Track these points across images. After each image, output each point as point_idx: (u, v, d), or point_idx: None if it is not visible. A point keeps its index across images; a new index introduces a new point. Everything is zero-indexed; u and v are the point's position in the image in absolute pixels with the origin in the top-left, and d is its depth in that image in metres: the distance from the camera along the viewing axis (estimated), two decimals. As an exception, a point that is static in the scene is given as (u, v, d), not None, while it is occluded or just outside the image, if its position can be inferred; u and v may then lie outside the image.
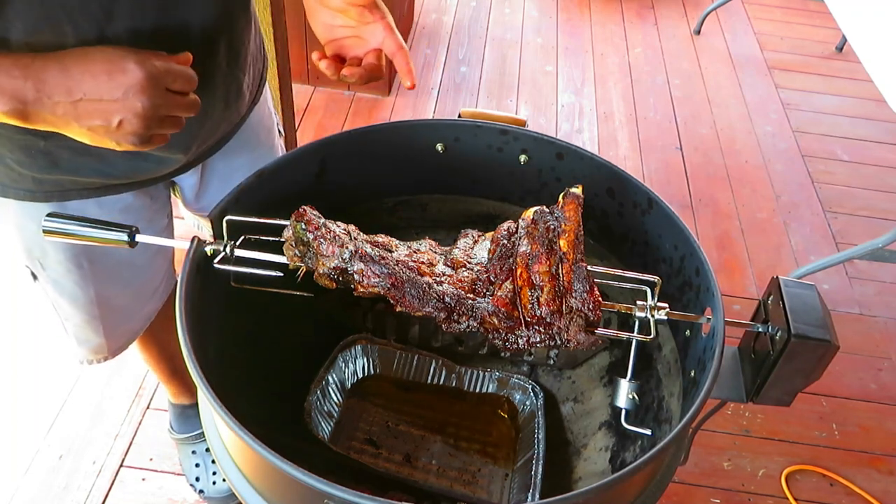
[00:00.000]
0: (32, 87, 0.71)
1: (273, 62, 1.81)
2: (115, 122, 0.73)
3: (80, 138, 0.76)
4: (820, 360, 0.87)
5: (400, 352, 1.31)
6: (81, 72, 0.72)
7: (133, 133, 0.74)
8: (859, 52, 2.07)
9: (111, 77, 0.72)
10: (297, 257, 0.88)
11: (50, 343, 1.90)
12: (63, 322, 1.20)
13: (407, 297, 0.83)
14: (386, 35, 0.93)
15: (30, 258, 1.09)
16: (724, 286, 2.22)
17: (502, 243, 0.91)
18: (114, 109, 0.72)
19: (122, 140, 0.75)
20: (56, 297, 1.15)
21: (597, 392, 1.27)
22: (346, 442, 1.21)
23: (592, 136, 2.84)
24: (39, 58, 0.72)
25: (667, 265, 1.03)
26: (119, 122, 0.73)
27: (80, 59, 0.73)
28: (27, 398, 1.79)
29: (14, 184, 0.96)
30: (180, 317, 0.82)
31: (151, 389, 1.79)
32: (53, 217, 0.85)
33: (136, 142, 0.76)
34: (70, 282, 1.11)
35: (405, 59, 0.94)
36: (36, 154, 0.91)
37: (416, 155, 1.14)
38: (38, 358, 1.88)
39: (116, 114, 0.73)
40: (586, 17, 3.57)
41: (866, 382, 2.00)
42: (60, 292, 1.13)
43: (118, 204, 1.04)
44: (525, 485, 1.15)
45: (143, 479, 1.63)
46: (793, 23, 3.65)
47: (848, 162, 2.80)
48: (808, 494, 1.74)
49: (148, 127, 0.75)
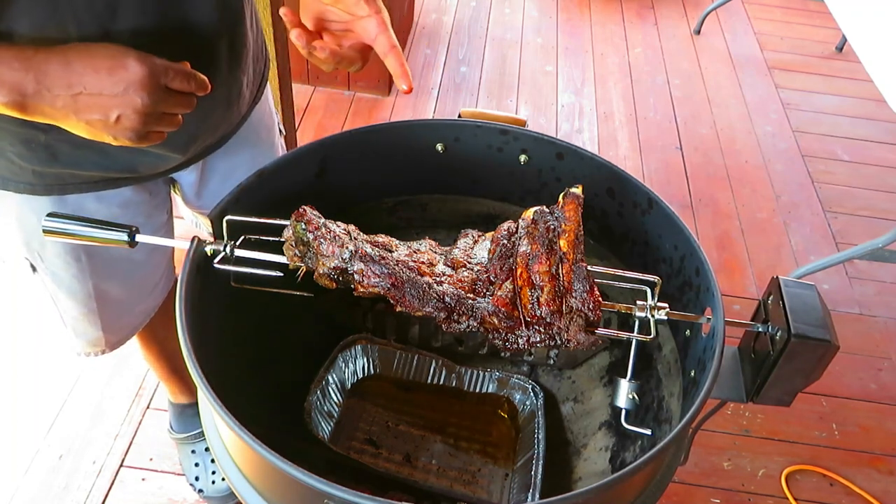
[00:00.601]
0: (33, 80, 0.72)
1: (273, 62, 1.81)
2: (114, 117, 0.74)
3: (78, 132, 0.77)
4: (820, 360, 0.87)
5: (400, 352, 1.31)
6: (83, 66, 0.72)
7: (131, 129, 0.75)
8: (859, 52, 2.07)
9: (112, 72, 0.72)
10: (297, 257, 0.88)
11: (50, 343, 1.90)
12: (61, 314, 1.20)
13: (407, 297, 0.83)
14: (379, 32, 0.85)
15: (29, 251, 1.09)
16: (724, 286, 2.22)
17: (502, 243, 0.91)
18: (113, 104, 0.73)
19: (119, 135, 0.76)
20: (54, 290, 1.15)
21: (597, 392, 1.27)
22: (346, 442, 1.21)
23: (592, 136, 2.84)
24: (42, 51, 0.73)
25: (667, 265, 1.03)
26: (117, 117, 0.74)
27: (82, 54, 0.73)
28: (27, 398, 1.79)
29: (14, 177, 0.96)
30: (180, 317, 0.82)
31: (151, 389, 1.79)
32: (54, 216, 0.86)
33: (133, 137, 0.77)
34: (68, 275, 1.11)
35: (399, 60, 0.85)
36: (36, 147, 0.92)
37: (416, 155, 1.14)
38: (39, 358, 1.88)
39: (115, 109, 0.73)
40: (586, 17, 3.57)
41: (866, 382, 2.00)
42: (59, 285, 1.14)
43: (117, 198, 1.04)
44: (525, 485, 1.15)
45: (143, 479, 1.63)
46: (793, 23, 3.65)
47: (848, 162, 2.80)
48: (808, 494, 1.74)
49: (145, 123, 0.76)
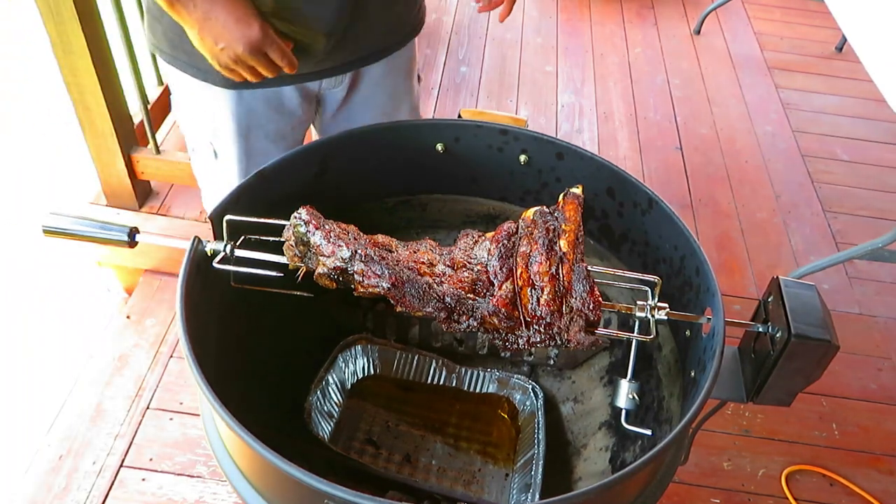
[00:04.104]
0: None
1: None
2: (220, 46, 1.00)
3: (192, 38, 1.02)
4: (820, 360, 0.87)
5: (400, 352, 1.31)
6: (225, 6, 0.98)
7: (226, 58, 1.01)
8: (859, 52, 2.07)
9: (239, 21, 0.98)
10: (297, 257, 0.88)
11: (50, 343, 1.90)
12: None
13: (407, 297, 0.83)
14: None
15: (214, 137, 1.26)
16: (724, 286, 2.21)
17: (502, 243, 0.91)
18: (224, 38, 0.99)
19: (215, 57, 1.02)
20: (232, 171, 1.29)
21: (597, 392, 1.27)
22: (346, 442, 1.21)
23: (592, 136, 2.84)
24: None
25: (667, 265, 1.03)
26: (222, 47, 1.00)
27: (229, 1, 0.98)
28: (27, 398, 1.79)
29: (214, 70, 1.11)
30: (181, 317, 0.82)
31: (151, 389, 1.79)
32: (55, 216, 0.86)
33: (223, 64, 1.03)
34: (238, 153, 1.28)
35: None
36: None
37: (416, 155, 1.14)
38: (39, 358, 1.88)
39: (223, 42, 1.00)
40: (586, 17, 3.57)
41: (866, 382, 2.00)
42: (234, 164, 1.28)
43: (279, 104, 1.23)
44: (525, 485, 1.15)
45: (143, 479, 1.63)
46: (793, 23, 3.65)
47: (848, 162, 2.80)
48: (808, 494, 1.74)
49: (236, 62, 1.02)
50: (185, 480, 1.63)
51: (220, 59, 1.02)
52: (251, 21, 0.99)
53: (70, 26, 1.63)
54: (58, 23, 1.63)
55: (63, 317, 1.99)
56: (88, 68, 1.70)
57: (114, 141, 1.86)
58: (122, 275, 2.02)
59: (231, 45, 0.99)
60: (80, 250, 2.02)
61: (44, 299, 2.03)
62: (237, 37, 0.99)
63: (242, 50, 1.00)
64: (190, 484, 1.63)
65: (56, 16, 1.61)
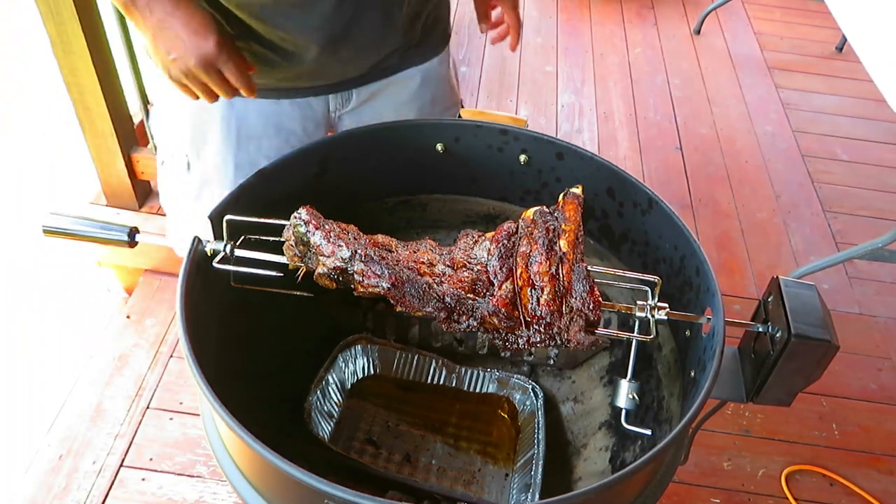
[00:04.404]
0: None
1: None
2: (172, 57, 0.95)
3: (146, 45, 0.98)
4: (820, 360, 0.87)
5: (400, 352, 1.31)
6: (183, 15, 0.93)
7: (177, 70, 0.96)
8: (859, 52, 2.07)
9: (195, 33, 0.93)
10: (297, 257, 0.88)
11: (50, 343, 1.90)
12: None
13: (407, 297, 0.83)
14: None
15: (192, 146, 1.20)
16: (724, 286, 2.21)
17: (502, 243, 0.91)
18: (178, 49, 0.94)
19: (166, 67, 0.97)
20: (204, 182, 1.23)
21: (597, 392, 1.27)
22: (346, 442, 1.21)
23: (592, 136, 2.84)
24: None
25: (667, 265, 1.03)
26: (174, 58, 0.95)
27: (190, 9, 0.94)
28: (27, 398, 1.79)
29: None
30: (181, 317, 0.82)
31: (151, 389, 1.79)
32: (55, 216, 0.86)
33: (172, 76, 0.98)
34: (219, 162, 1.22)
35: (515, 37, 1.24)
36: None
37: (416, 155, 1.14)
38: (39, 358, 1.88)
39: (176, 52, 0.94)
40: (586, 17, 3.57)
41: (866, 382, 2.00)
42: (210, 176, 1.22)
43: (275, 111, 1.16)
44: (525, 485, 1.15)
45: (143, 479, 1.63)
46: (793, 23, 3.65)
47: (848, 162, 2.80)
48: (808, 494, 1.74)
49: (186, 76, 0.97)
50: (185, 480, 1.63)
51: (170, 70, 0.97)
52: (207, 34, 0.94)
53: (70, 26, 1.63)
54: (58, 23, 1.63)
55: (63, 317, 1.99)
56: (88, 68, 1.71)
57: (114, 141, 1.86)
58: (122, 275, 2.02)
59: (183, 57, 0.94)
60: (80, 250, 2.02)
61: (44, 299, 2.03)
62: (190, 49, 0.94)
63: (195, 63, 0.94)
64: (190, 484, 1.63)
65: (56, 16, 1.62)
